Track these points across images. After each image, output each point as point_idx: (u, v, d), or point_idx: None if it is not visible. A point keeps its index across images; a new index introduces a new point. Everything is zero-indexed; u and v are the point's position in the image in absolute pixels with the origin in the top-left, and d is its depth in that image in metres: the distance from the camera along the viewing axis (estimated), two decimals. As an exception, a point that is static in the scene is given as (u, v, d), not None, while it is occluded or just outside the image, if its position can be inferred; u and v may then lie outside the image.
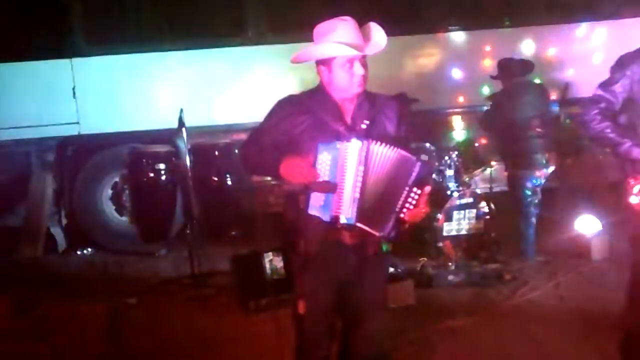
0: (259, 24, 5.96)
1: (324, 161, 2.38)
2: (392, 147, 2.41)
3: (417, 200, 2.42)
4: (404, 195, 2.41)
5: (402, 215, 2.43)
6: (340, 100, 2.54)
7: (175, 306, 4.54)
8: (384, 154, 2.40)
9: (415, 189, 2.42)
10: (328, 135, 2.45)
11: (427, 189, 2.44)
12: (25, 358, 3.62)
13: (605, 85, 2.84)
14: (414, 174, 2.41)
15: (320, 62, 2.52)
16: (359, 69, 2.46)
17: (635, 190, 2.83)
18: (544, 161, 5.03)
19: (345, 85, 2.48)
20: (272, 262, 4.35)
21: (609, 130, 2.78)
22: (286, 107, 2.58)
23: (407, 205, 2.42)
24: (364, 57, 2.48)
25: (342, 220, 2.38)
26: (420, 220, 2.48)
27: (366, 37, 2.50)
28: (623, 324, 3.02)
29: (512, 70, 5.15)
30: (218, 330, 4.09)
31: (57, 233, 5.99)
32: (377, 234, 2.43)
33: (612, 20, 6.21)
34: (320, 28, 2.51)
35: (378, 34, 2.51)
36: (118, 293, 4.70)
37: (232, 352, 3.82)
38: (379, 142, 2.40)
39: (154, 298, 4.69)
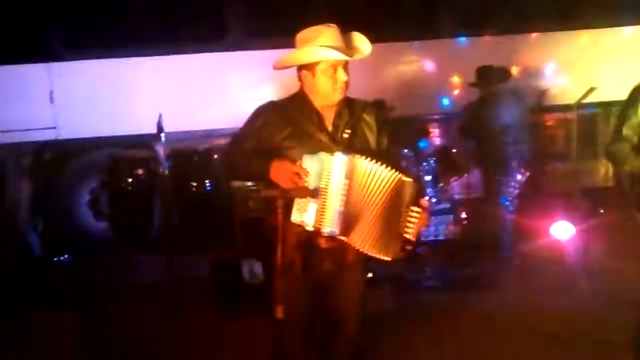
0: (239, 29, 5.97)
1: (309, 171, 2.39)
2: (380, 165, 2.41)
3: (418, 218, 2.46)
4: (403, 217, 2.45)
5: (407, 235, 2.47)
6: (320, 106, 2.56)
7: (153, 312, 4.51)
8: (372, 172, 2.41)
9: (413, 208, 2.46)
10: (310, 144, 2.47)
11: (425, 203, 2.49)
12: (0, 365, 3.58)
13: None
14: (409, 194, 2.45)
15: (303, 67, 2.53)
16: (342, 75, 2.48)
17: None
18: (521, 168, 5.11)
19: (328, 91, 2.50)
20: (251, 268, 4.36)
21: None
22: (267, 114, 2.58)
23: (409, 225, 2.46)
24: (347, 63, 2.50)
25: (325, 232, 2.40)
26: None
27: (349, 44, 2.53)
28: None
29: (490, 78, 5.22)
30: (196, 335, 4.09)
31: (34, 239, 5.92)
32: (386, 258, 2.46)
33: (588, 30, 6.32)
34: (304, 34, 2.53)
35: (363, 43, 2.55)
36: (95, 299, 4.67)
37: (211, 357, 3.82)
38: (364, 157, 2.41)
39: (132, 304, 4.66)
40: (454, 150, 5.47)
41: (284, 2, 6.01)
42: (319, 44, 2.46)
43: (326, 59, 2.46)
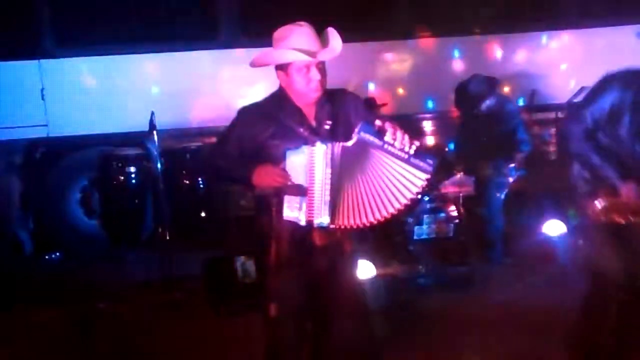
0: (232, 27, 5.96)
1: (293, 166, 2.40)
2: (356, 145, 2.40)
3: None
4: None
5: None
6: (300, 104, 2.57)
7: (145, 311, 4.50)
8: (350, 154, 2.40)
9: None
10: (294, 140, 2.48)
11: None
12: (-9, 364, 3.57)
13: None
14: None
15: (278, 67, 2.55)
16: (315, 74, 2.49)
17: None
18: (512, 167, 5.12)
19: (303, 89, 2.52)
20: (244, 265, 4.35)
21: None
22: (248, 115, 2.59)
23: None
24: (321, 62, 2.51)
25: (317, 223, 2.41)
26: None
27: (324, 42, 2.53)
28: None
29: (469, 102, 5.07)
30: (189, 334, 4.08)
31: (25, 237, 5.89)
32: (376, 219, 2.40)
33: (576, 30, 6.36)
34: (277, 33, 2.54)
35: (334, 40, 2.54)
36: (87, 298, 4.65)
37: (204, 356, 3.81)
38: (345, 142, 2.41)
39: (124, 303, 4.64)
40: (446, 149, 5.48)
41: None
42: (289, 44, 2.47)
43: (290, 61, 2.48)
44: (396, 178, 2.37)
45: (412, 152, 2.35)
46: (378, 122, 2.38)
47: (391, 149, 2.35)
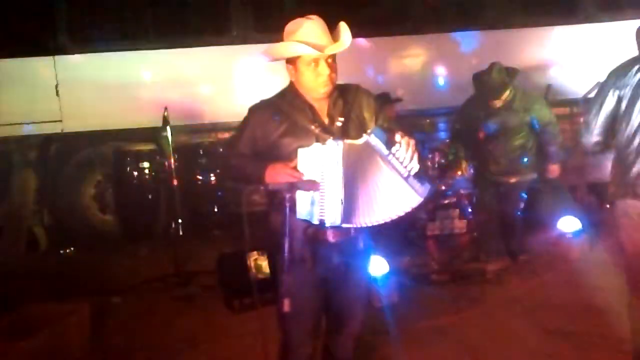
0: (244, 22, 5.96)
1: (305, 164, 2.37)
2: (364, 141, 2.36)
3: None
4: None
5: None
6: (311, 99, 2.54)
7: (159, 305, 4.53)
8: (357, 153, 2.36)
9: None
10: (305, 137, 2.46)
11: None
12: (6, 357, 3.59)
13: None
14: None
15: (287, 61, 2.52)
16: (324, 69, 2.45)
17: None
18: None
19: (311, 84, 2.49)
20: (257, 261, 4.35)
21: None
22: (259, 113, 2.56)
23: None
24: (330, 57, 2.47)
25: (329, 223, 2.38)
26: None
27: (335, 37, 2.49)
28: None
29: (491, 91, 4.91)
30: (202, 329, 4.10)
31: (40, 232, 5.94)
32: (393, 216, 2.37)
33: (592, 24, 6.29)
34: (288, 26, 2.52)
35: (344, 35, 2.49)
36: (101, 292, 4.68)
37: (217, 350, 3.83)
38: (356, 140, 2.37)
39: (138, 297, 4.68)
40: (458, 145, 5.43)
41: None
42: (297, 38, 2.44)
43: (297, 54, 2.45)
44: (390, 191, 2.36)
45: (412, 172, 2.35)
46: (398, 138, 2.35)
47: (394, 162, 2.34)
